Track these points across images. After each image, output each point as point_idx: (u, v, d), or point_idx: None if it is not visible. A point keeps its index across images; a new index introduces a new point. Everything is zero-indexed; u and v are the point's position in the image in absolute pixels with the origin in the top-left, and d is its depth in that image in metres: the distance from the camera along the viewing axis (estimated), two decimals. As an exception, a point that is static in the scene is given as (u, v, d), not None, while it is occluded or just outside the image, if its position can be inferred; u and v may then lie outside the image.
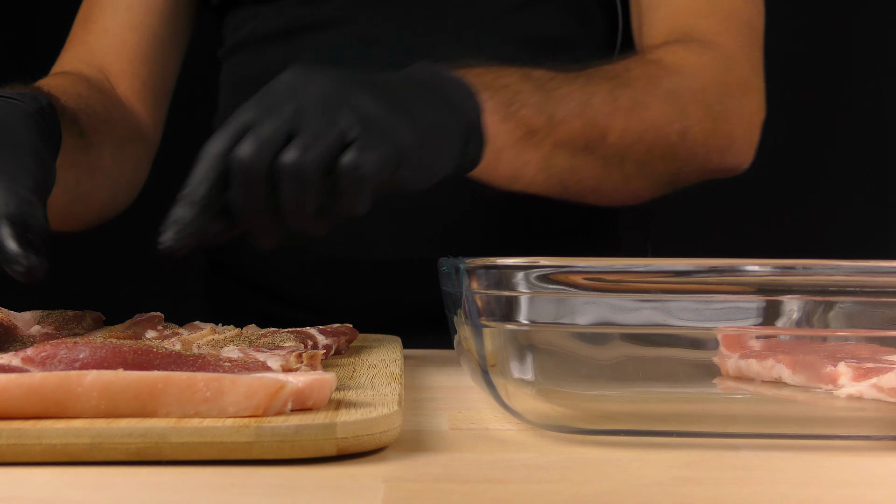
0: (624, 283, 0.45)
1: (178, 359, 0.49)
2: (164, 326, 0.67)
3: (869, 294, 0.45)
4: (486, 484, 0.40)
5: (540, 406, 0.48)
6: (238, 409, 0.44)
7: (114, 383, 0.43)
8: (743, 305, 0.46)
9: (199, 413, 0.44)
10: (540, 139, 0.75)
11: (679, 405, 0.51)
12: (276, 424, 0.42)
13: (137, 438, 0.42)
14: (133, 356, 0.48)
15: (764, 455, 0.45)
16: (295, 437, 0.42)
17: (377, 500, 0.38)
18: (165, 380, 0.44)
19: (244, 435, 0.42)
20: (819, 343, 0.50)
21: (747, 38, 0.88)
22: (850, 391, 0.49)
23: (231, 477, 0.41)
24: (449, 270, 0.51)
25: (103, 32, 0.95)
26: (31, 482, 0.40)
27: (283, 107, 0.61)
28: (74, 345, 0.48)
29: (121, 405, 0.44)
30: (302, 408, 0.45)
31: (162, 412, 0.44)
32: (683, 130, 0.81)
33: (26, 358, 0.47)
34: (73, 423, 0.42)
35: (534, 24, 0.92)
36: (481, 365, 0.48)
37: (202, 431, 0.42)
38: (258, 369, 0.50)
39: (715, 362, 0.51)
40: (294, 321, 0.79)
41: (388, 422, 0.45)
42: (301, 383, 0.45)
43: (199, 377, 0.44)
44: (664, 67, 0.82)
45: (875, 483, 0.42)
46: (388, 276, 0.90)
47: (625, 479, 0.41)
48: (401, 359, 0.64)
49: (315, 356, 0.52)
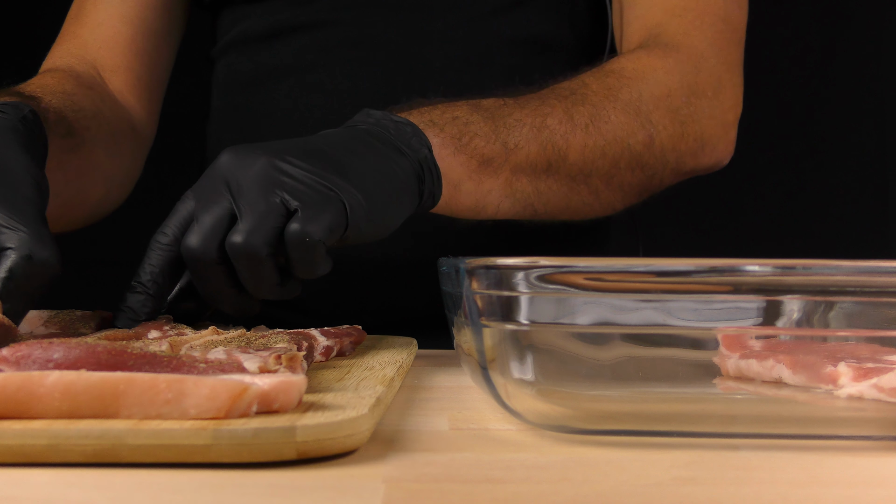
0: (624, 283, 0.45)
1: (151, 360, 0.48)
2: (171, 327, 0.66)
3: (869, 294, 0.45)
4: (486, 484, 0.40)
5: (540, 406, 0.48)
6: (199, 412, 0.43)
7: (75, 384, 0.43)
8: (743, 305, 0.46)
9: (161, 415, 0.43)
10: (497, 167, 0.75)
11: (679, 405, 0.51)
12: (235, 427, 0.42)
13: (94, 440, 0.41)
14: (107, 356, 0.47)
15: (764, 455, 0.45)
16: (253, 441, 0.41)
17: (377, 500, 0.38)
18: (127, 381, 0.43)
19: (201, 437, 0.41)
20: (819, 343, 0.50)
21: (721, 34, 0.88)
22: (850, 391, 0.49)
23: (231, 477, 0.41)
24: (449, 270, 0.51)
25: (97, 26, 0.95)
26: (31, 482, 0.40)
27: (222, 192, 0.63)
28: (49, 344, 0.47)
29: (83, 406, 0.43)
30: (268, 410, 0.44)
31: (124, 413, 0.43)
32: (649, 139, 0.81)
33: (1, 358, 0.47)
34: (32, 425, 0.42)
35: (522, 24, 0.92)
36: (481, 365, 0.48)
37: (159, 434, 0.41)
38: (232, 371, 0.48)
39: (715, 362, 0.51)
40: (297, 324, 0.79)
41: (354, 426, 0.44)
42: (266, 385, 0.44)
43: (162, 378, 0.43)
44: (623, 77, 0.82)
45: (875, 483, 0.42)
46: (389, 275, 0.90)
47: (625, 479, 0.41)
48: (404, 361, 0.63)
49: (295, 358, 0.51)
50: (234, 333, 0.63)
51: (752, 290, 0.45)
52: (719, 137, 0.86)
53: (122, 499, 0.38)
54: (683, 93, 0.83)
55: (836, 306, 0.45)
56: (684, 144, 0.83)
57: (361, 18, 0.91)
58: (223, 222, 0.63)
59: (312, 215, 0.62)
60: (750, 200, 1.64)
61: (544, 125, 0.76)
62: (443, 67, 0.90)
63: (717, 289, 0.45)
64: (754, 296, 0.45)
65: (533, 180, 0.77)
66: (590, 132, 0.78)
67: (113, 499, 0.38)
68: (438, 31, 0.90)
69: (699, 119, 0.84)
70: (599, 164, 0.79)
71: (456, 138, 0.73)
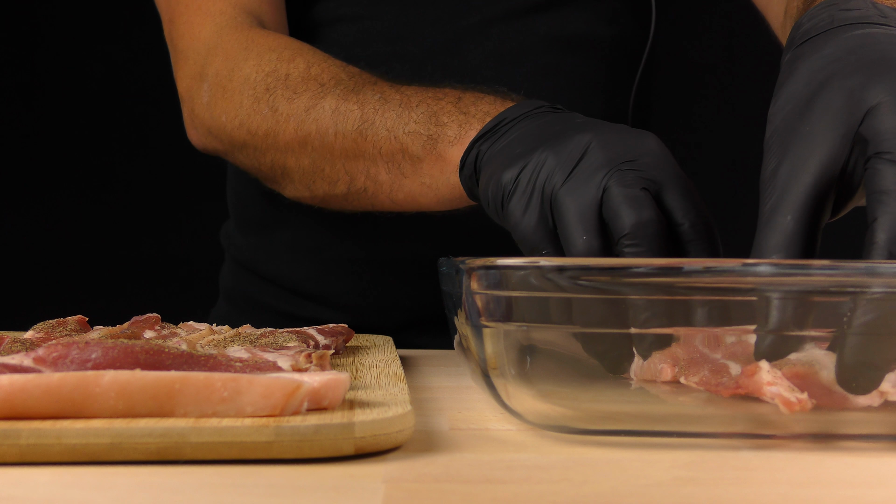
0: (624, 283, 0.45)
1: (189, 359, 0.49)
2: (162, 326, 0.67)
3: (869, 294, 0.45)
4: (486, 484, 0.40)
5: (540, 406, 0.48)
6: (255, 409, 0.44)
7: (131, 383, 0.44)
8: (743, 305, 0.46)
9: (217, 413, 0.44)
10: None
11: (679, 405, 0.51)
12: (296, 424, 0.43)
13: (157, 438, 0.42)
14: (145, 356, 0.48)
15: (764, 455, 0.45)
16: (314, 437, 0.43)
17: (377, 500, 0.38)
18: (183, 380, 0.44)
19: (263, 434, 0.42)
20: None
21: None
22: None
23: (231, 477, 0.41)
24: (449, 270, 0.51)
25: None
26: (31, 482, 0.40)
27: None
28: (86, 345, 0.48)
29: (138, 405, 0.44)
30: (317, 407, 0.46)
31: (179, 412, 0.44)
32: None
33: (38, 358, 0.47)
34: (93, 424, 0.42)
35: (558, 22, 0.92)
36: (481, 365, 0.48)
37: (221, 431, 0.42)
38: (270, 369, 0.50)
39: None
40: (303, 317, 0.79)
41: (404, 421, 0.45)
42: (317, 383, 0.45)
43: (217, 377, 0.44)
44: None
45: (875, 483, 0.42)
46: (389, 275, 0.90)
47: (625, 479, 0.41)
48: (398, 359, 0.64)
49: (325, 356, 0.53)
50: (230, 333, 0.64)
51: (752, 291, 0.45)
52: None
53: (122, 499, 0.38)
54: None
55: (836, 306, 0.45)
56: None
57: (398, 14, 0.91)
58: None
59: None
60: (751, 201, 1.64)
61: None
62: (478, 64, 0.90)
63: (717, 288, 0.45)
64: (754, 296, 0.45)
65: None
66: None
67: (113, 499, 0.38)
68: (474, 28, 0.90)
69: None
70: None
71: None
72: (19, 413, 0.43)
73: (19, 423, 0.42)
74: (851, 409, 0.48)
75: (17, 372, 0.45)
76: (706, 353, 0.52)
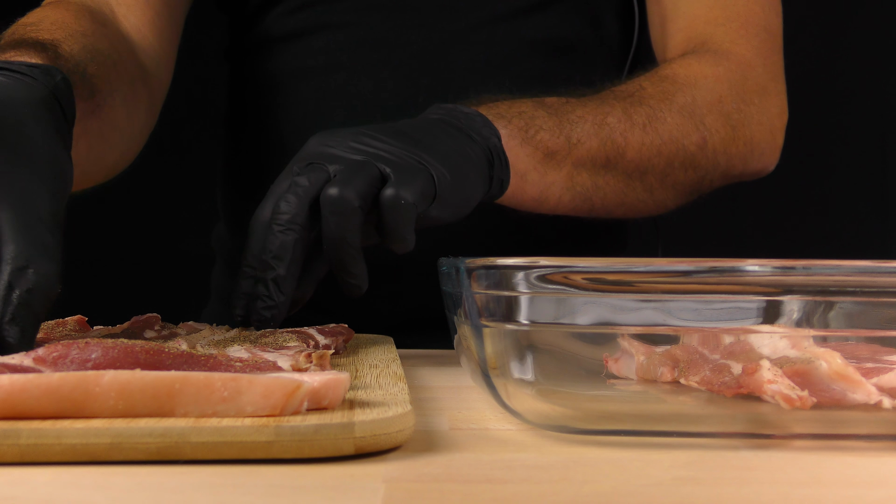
0: (624, 283, 0.45)
1: (189, 359, 0.49)
2: (162, 326, 0.67)
3: (869, 294, 0.45)
4: (486, 484, 0.40)
5: (540, 406, 0.48)
6: (255, 409, 0.44)
7: (131, 383, 0.44)
8: (743, 305, 0.46)
9: (217, 413, 0.44)
10: (560, 160, 0.78)
11: (679, 405, 0.51)
12: (296, 424, 0.43)
13: (157, 438, 0.42)
14: (145, 356, 0.48)
15: (764, 455, 0.45)
16: (314, 437, 0.43)
17: (377, 500, 0.38)
18: (183, 380, 0.44)
19: (264, 434, 0.42)
20: (819, 343, 0.50)
21: (765, 42, 0.91)
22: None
23: (230, 477, 0.41)
24: (449, 270, 0.51)
25: None
26: (31, 482, 0.40)
27: (318, 163, 0.66)
28: (86, 345, 0.48)
29: (138, 405, 0.44)
30: (317, 407, 0.46)
31: (179, 412, 0.44)
32: (702, 140, 0.84)
33: (38, 358, 0.47)
34: (93, 423, 0.42)
35: (545, 27, 0.92)
36: (481, 365, 0.48)
37: (222, 431, 0.42)
38: (270, 369, 0.50)
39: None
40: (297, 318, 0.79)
41: (404, 421, 0.45)
42: (317, 383, 0.45)
43: (217, 377, 0.44)
44: (677, 83, 0.85)
45: (875, 483, 0.42)
46: (389, 275, 0.90)
47: (625, 479, 0.41)
48: (398, 359, 0.64)
49: (325, 356, 0.53)
50: (232, 333, 0.64)
51: (751, 290, 0.45)
52: (767, 143, 0.89)
53: (122, 499, 0.38)
54: (734, 99, 0.86)
55: (836, 306, 0.45)
56: (735, 148, 0.86)
57: (384, 20, 0.91)
58: (319, 184, 0.65)
59: (405, 181, 0.64)
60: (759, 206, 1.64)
61: (605, 122, 0.80)
62: (465, 69, 0.90)
63: (717, 289, 0.45)
64: (754, 296, 0.45)
65: (592, 175, 0.80)
66: (647, 131, 0.81)
67: (113, 499, 0.38)
68: (461, 33, 0.91)
69: (749, 124, 0.87)
70: (655, 163, 0.82)
71: (523, 130, 0.76)
72: (19, 413, 0.43)
73: (19, 423, 0.42)
74: (851, 407, 0.48)
75: (17, 372, 0.45)
76: (705, 353, 0.52)
